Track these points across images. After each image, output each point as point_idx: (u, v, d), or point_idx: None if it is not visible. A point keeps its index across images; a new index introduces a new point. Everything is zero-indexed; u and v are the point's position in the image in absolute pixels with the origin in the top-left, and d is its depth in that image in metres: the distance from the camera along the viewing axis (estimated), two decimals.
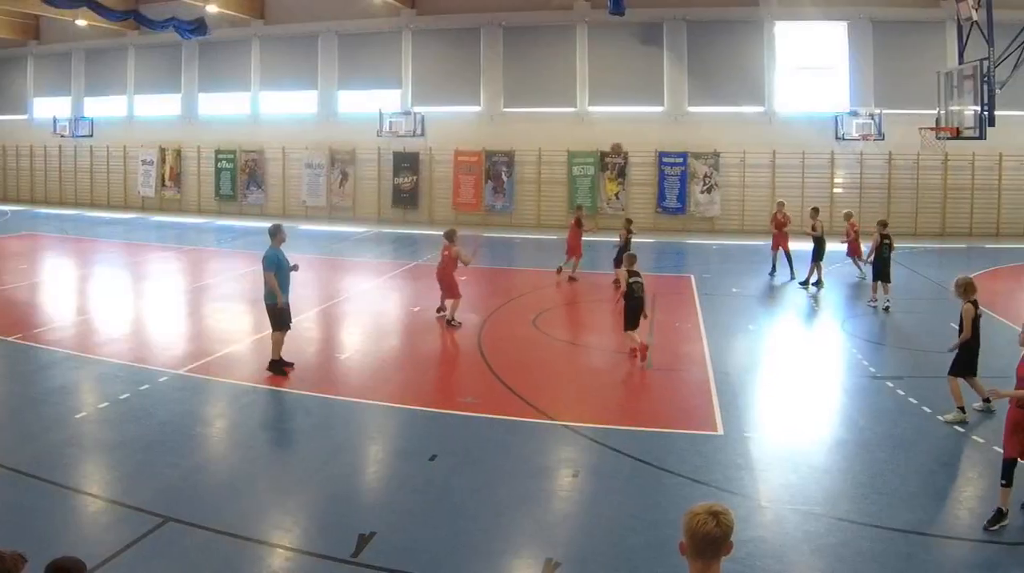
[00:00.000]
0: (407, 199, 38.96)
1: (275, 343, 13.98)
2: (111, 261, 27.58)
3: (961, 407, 11.67)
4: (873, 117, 32.93)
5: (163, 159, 43.53)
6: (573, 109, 36.77)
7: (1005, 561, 7.86)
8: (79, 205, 45.45)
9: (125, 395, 12.70)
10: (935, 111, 22.63)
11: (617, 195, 35.99)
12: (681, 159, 35.13)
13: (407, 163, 38.72)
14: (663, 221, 35.45)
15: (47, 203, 46.30)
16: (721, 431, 11.34)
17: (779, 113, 34.63)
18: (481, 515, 8.85)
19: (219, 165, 42.26)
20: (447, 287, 18.04)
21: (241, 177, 41.86)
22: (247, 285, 22.72)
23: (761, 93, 34.80)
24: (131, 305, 20.92)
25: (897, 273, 21.64)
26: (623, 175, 35.96)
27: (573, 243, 23.32)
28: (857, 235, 22.84)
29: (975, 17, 20.46)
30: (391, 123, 37.81)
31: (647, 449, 10.55)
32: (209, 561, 7.86)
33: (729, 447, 10.74)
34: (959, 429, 11.21)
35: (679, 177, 35.24)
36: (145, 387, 13.12)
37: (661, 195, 35.51)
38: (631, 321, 15.23)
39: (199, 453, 10.70)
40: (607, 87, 36.39)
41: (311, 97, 40.81)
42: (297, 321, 15.25)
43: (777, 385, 13.94)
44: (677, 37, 35.38)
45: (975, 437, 11.00)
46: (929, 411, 11.99)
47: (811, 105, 34.29)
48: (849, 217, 23.38)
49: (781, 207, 24.41)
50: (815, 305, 20.31)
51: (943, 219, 33.36)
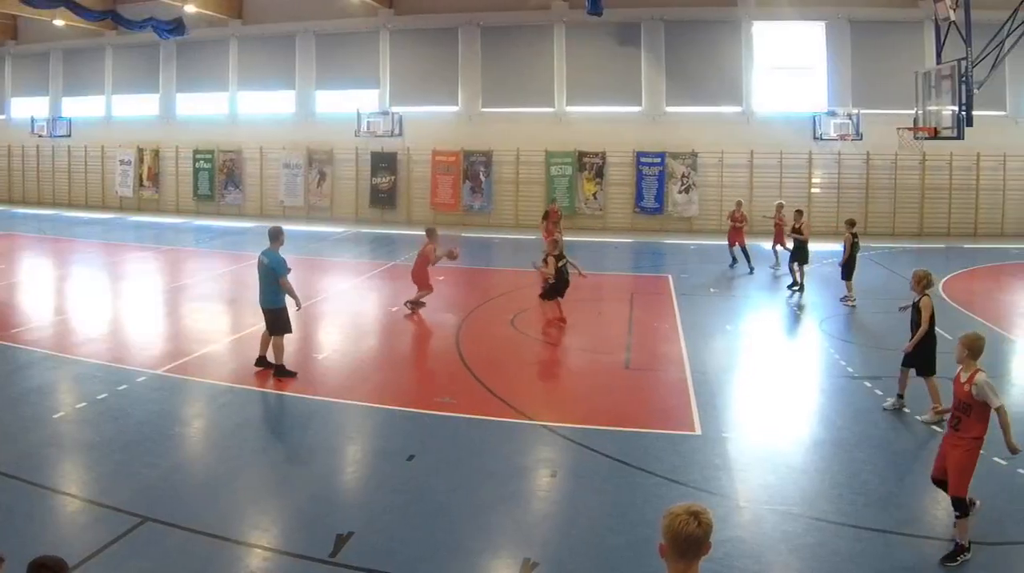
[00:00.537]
0: (385, 199, 38.91)
1: (278, 349, 13.77)
2: (89, 261, 27.37)
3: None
4: (851, 117, 33.12)
5: (141, 159, 43.26)
6: (551, 109, 36.78)
7: (984, 560, 7.88)
8: (57, 205, 45.09)
9: (103, 395, 12.62)
10: (913, 111, 22.72)
11: (595, 195, 36.06)
12: (659, 159, 35.22)
13: (385, 163, 38.67)
14: (641, 221, 35.59)
15: (25, 203, 45.90)
16: (699, 431, 11.36)
17: (757, 113, 34.77)
18: (459, 515, 8.85)
19: (197, 165, 42.01)
20: (419, 283, 18.67)
21: (219, 177, 41.65)
22: (225, 285, 22.69)
23: (739, 93, 34.94)
24: (109, 305, 20.78)
25: (875, 273, 21.87)
26: (601, 175, 36.02)
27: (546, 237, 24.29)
28: (781, 226, 24.18)
29: (953, 17, 20.56)
30: (369, 123, 37.71)
31: (625, 449, 10.57)
32: (187, 561, 7.82)
33: (707, 447, 10.76)
34: (937, 429, 11.24)
35: (657, 177, 35.33)
36: (123, 387, 13.04)
37: (639, 195, 35.59)
38: (552, 294, 17.55)
39: (177, 453, 10.65)
40: (585, 87, 36.43)
41: (289, 97, 40.64)
42: None
43: (755, 385, 13.97)
44: (655, 37, 35.46)
45: None
46: (907, 411, 12.07)
47: (789, 105, 34.39)
48: (780, 208, 24.84)
49: (739, 206, 25.54)
50: (794, 306, 20.38)
51: (921, 219, 33.60)
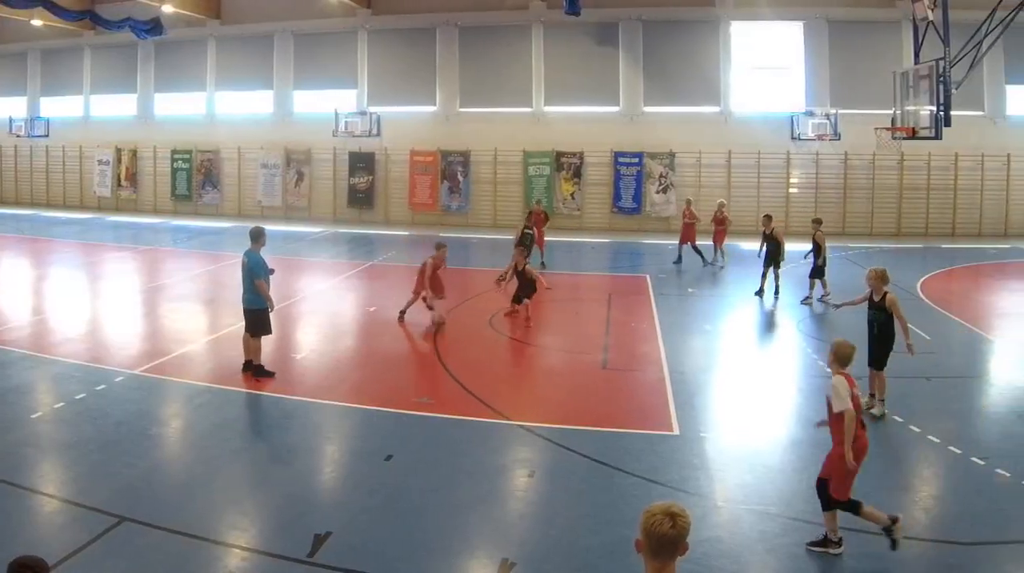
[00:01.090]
0: (363, 199, 38.86)
1: (255, 349, 13.74)
2: (67, 261, 27.15)
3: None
4: (829, 117, 33.32)
5: (119, 159, 43.07)
6: (529, 109, 36.82)
7: (962, 560, 7.94)
8: (35, 205, 44.79)
9: (81, 395, 12.57)
10: (891, 111, 22.82)
11: (573, 195, 36.12)
12: (637, 159, 35.33)
13: (363, 163, 38.62)
14: (619, 221, 35.71)
15: (3, 203, 45.53)
16: (677, 431, 11.40)
17: (735, 113, 34.94)
18: (437, 515, 8.85)
19: (175, 165, 41.83)
20: (434, 289, 17.76)
21: (197, 177, 41.47)
22: (203, 285, 22.59)
23: (717, 93, 35.09)
24: (87, 305, 20.63)
25: (853, 273, 21.96)
26: (579, 175, 36.08)
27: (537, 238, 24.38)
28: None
29: (931, 17, 20.58)
30: (347, 123, 37.65)
31: (603, 449, 10.60)
32: (165, 561, 7.80)
33: (685, 447, 10.80)
34: (915, 429, 11.32)
35: (635, 177, 35.44)
36: (101, 387, 12.99)
37: (617, 195, 35.70)
38: (522, 298, 18.19)
39: (155, 453, 10.62)
40: (563, 87, 36.50)
41: (267, 97, 40.54)
42: None
43: (733, 385, 14.02)
44: (633, 37, 35.58)
45: (930, 437, 11.06)
46: (887, 412, 12.11)
47: (767, 105, 34.56)
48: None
49: (689, 205, 26.87)
50: (771, 306, 20.46)
51: (899, 219, 33.88)
